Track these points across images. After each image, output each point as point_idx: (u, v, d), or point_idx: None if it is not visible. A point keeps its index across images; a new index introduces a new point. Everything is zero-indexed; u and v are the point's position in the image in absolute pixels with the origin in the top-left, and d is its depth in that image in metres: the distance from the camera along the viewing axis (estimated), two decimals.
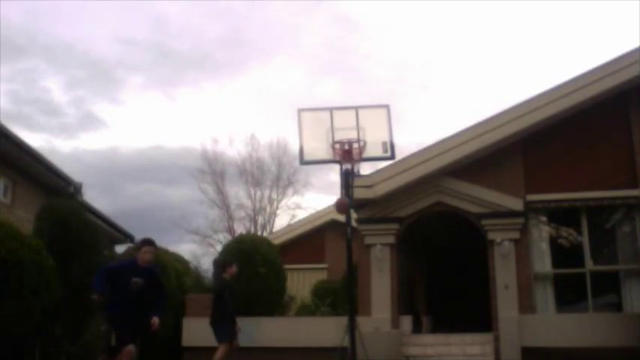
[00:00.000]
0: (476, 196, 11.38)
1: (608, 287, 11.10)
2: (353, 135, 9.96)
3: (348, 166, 10.03)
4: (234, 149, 37.25)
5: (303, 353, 10.95)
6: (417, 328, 12.55)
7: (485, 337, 11.04)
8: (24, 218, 10.64)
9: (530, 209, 11.29)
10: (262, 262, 12.53)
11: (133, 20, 46.06)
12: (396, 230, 11.75)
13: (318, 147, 10.18)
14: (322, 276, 18.13)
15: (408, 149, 14.40)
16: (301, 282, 18.30)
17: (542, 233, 11.45)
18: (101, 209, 14.48)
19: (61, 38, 45.61)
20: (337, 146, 9.94)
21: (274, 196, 30.38)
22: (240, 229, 29.01)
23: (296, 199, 30.74)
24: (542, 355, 10.38)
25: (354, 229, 10.63)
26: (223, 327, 8.77)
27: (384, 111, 10.44)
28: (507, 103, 22.22)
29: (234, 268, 9.27)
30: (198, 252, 28.22)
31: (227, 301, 8.82)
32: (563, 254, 11.28)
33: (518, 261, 11.06)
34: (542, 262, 11.27)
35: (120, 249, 15.80)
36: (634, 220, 11.14)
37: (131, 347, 6.77)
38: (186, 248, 35.28)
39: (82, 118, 43.85)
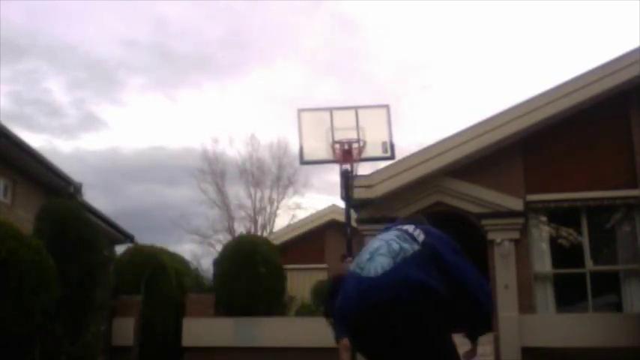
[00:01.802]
0: (476, 196, 11.37)
1: (608, 287, 11.10)
2: (353, 135, 9.97)
3: (347, 166, 10.03)
4: (234, 149, 37.01)
5: (303, 353, 10.94)
6: None
7: (485, 337, 11.02)
8: (24, 218, 10.63)
9: (530, 209, 11.28)
10: (262, 262, 12.54)
11: (134, 21, 45.94)
12: None
13: (318, 147, 10.19)
14: (322, 276, 18.12)
15: (408, 149, 14.39)
16: (301, 282, 18.30)
17: (542, 233, 11.44)
18: (101, 209, 14.47)
19: (63, 39, 45.53)
20: (337, 146, 9.95)
21: (274, 196, 30.28)
22: (240, 229, 28.93)
23: (296, 199, 30.66)
24: (542, 355, 10.38)
25: (354, 229, 10.63)
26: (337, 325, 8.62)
27: (383, 111, 10.45)
28: (507, 103, 22.20)
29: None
30: (199, 252, 28.14)
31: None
32: (563, 254, 11.28)
33: (518, 261, 11.05)
34: (542, 262, 11.27)
35: (120, 249, 15.82)
36: (634, 220, 11.14)
37: None
38: (186, 248, 35.37)
39: (83, 118, 43.76)
